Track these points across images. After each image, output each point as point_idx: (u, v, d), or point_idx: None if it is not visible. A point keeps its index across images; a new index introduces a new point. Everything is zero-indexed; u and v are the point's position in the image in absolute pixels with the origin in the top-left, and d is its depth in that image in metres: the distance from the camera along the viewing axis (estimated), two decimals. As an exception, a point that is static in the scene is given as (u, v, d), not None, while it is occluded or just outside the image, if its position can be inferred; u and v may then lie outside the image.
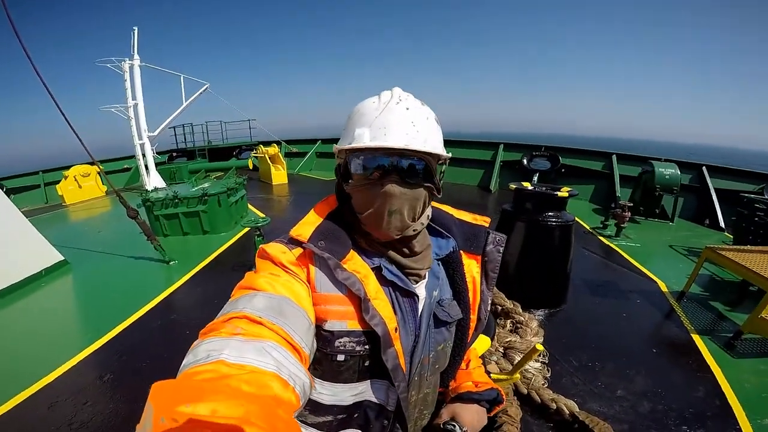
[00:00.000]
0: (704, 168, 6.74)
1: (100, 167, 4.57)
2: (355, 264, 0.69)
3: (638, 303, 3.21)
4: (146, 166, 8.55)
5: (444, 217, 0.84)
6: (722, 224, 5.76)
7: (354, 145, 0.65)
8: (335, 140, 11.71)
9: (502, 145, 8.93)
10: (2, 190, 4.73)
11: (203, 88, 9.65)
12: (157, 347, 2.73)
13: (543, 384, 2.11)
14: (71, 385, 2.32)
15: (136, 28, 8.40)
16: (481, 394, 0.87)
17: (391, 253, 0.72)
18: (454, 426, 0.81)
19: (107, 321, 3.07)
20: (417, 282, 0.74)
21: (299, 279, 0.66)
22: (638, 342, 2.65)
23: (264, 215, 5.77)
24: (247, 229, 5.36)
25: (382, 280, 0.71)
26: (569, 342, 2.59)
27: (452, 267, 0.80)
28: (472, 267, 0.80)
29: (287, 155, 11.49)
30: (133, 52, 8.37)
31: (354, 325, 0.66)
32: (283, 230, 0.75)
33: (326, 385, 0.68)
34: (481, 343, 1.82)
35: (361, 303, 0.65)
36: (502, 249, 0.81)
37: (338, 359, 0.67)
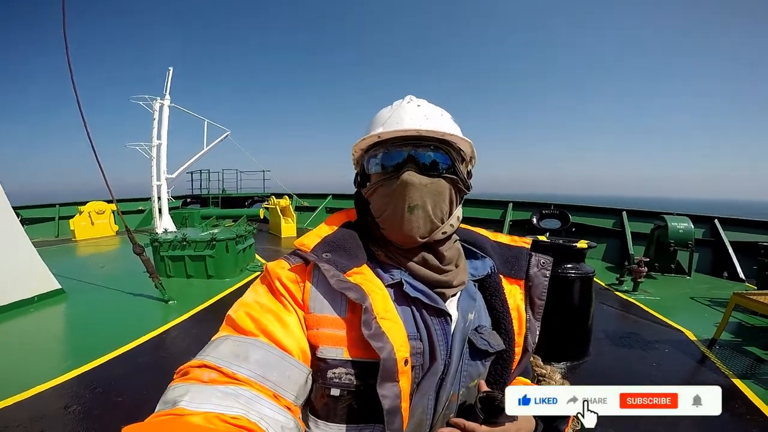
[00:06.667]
0: (716, 221, 6.67)
1: (117, 206, 4.71)
2: (364, 277, 0.60)
3: (667, 352, 3.03)
4: (160, 210, 8.41)
5: (477, 238, 0.76)
6: (741, 275, 5.62)
7: (367, 137, 0.64)
8: (346, 196, 12.15)
9: (511, 204, 9.02)
10: (18, 219, 4.88)
11: (224, 135, 9.86)
12: (139, 384, 2.55)
13: (577, 437, 1.87)
14: (28, 412, 2.17)
15: (171, 68, 8.45)
16: None
17: (414, 265, 0.63)
18: (496, 395, 0.56)
19: (89, 351, 2.93)
20: (445, 299, 0.63)
21: (291, 306, 0.58)
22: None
23: None
24: (252, 277, 5.26)
25: (402, 299, 0.61)
26: (597, 392, 2.36)
27: (490, 292, 0.69)
28: (515, 293, 0.71)
29: (297, 209, 11.69)
30: (166, 91, 8.28)
31: (352, 354, 0.55)
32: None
33: (321, 425, 0.58)
34: None
35: (361, 326, 0.53)
36: (548, 273, 0.72)
37: (332, 394, 0.56)
